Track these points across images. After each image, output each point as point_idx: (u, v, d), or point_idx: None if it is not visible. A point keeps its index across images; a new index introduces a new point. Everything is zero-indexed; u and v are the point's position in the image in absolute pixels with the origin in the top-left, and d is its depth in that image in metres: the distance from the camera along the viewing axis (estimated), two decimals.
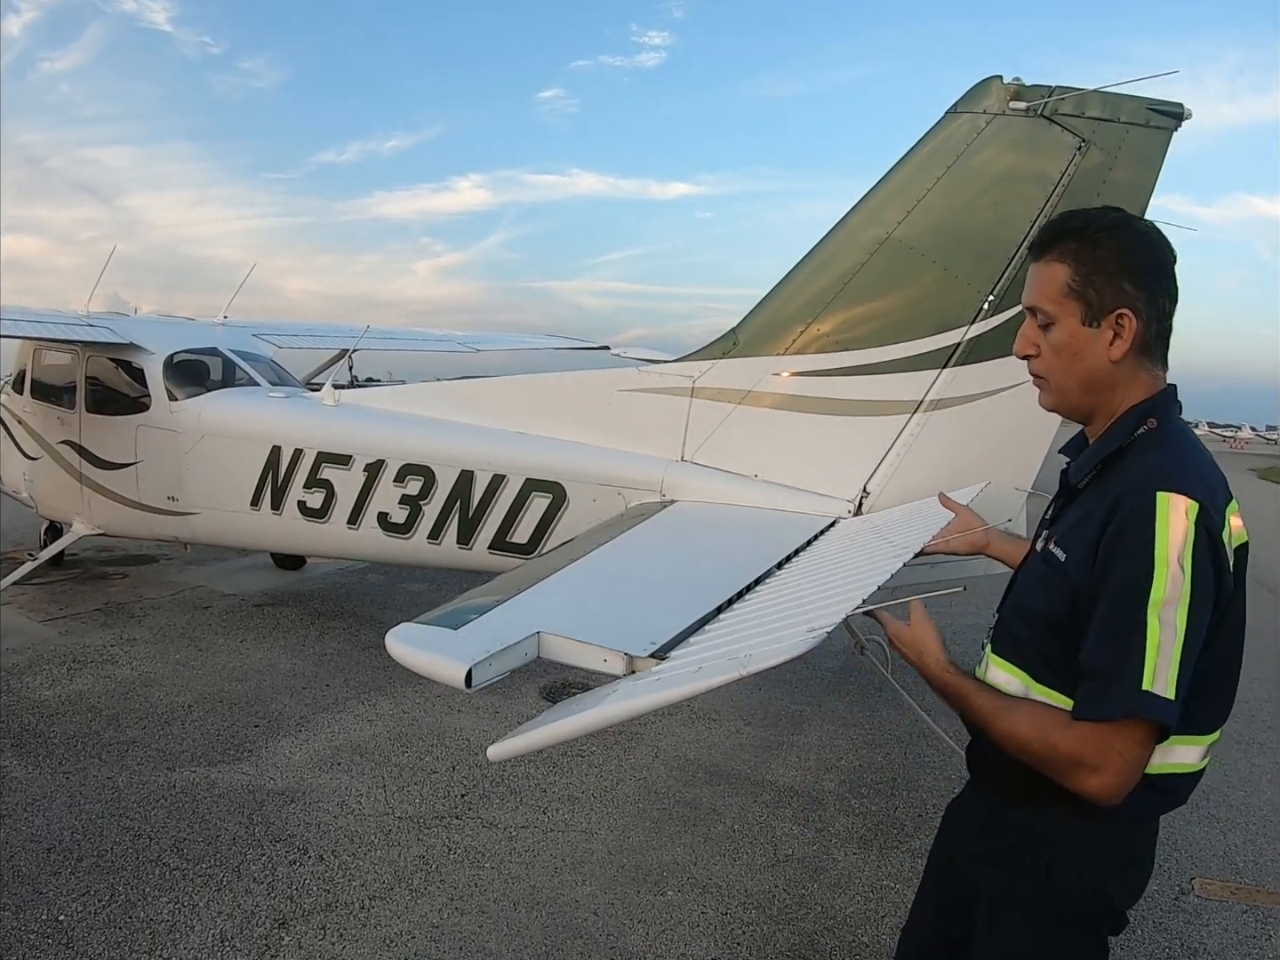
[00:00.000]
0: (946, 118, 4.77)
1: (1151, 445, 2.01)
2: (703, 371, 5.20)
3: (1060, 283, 2.04)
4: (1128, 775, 1.88)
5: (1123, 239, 2.04)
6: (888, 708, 6.98)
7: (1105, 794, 1.89)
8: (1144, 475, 1.93)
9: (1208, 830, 5.55)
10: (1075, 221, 2.08)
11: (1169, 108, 4.44)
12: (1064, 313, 2.05)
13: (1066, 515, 2.16)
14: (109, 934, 4.08)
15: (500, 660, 2.49)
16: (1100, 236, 2.04)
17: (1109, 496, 1.95)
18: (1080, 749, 1.88)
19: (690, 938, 4.28)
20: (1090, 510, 2.00)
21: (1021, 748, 1.98)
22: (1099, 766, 1.86)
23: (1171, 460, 1.96)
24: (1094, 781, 1.88)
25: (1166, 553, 1.81)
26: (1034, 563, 2.20)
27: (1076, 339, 2.05)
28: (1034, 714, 2.00)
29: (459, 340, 12.09)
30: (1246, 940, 4.49)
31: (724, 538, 4.66)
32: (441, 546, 5.90)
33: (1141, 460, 1.99)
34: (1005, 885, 2.15)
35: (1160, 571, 1.81)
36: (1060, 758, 1.92)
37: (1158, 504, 1.84)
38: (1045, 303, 2.07)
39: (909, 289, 4.86)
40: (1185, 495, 1.85)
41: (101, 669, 7.28)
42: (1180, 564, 1.81)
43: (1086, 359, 2.06)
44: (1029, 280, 2.13)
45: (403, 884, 4.56)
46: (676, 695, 2.15)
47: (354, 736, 6.26)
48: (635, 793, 5.65)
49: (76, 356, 8.32)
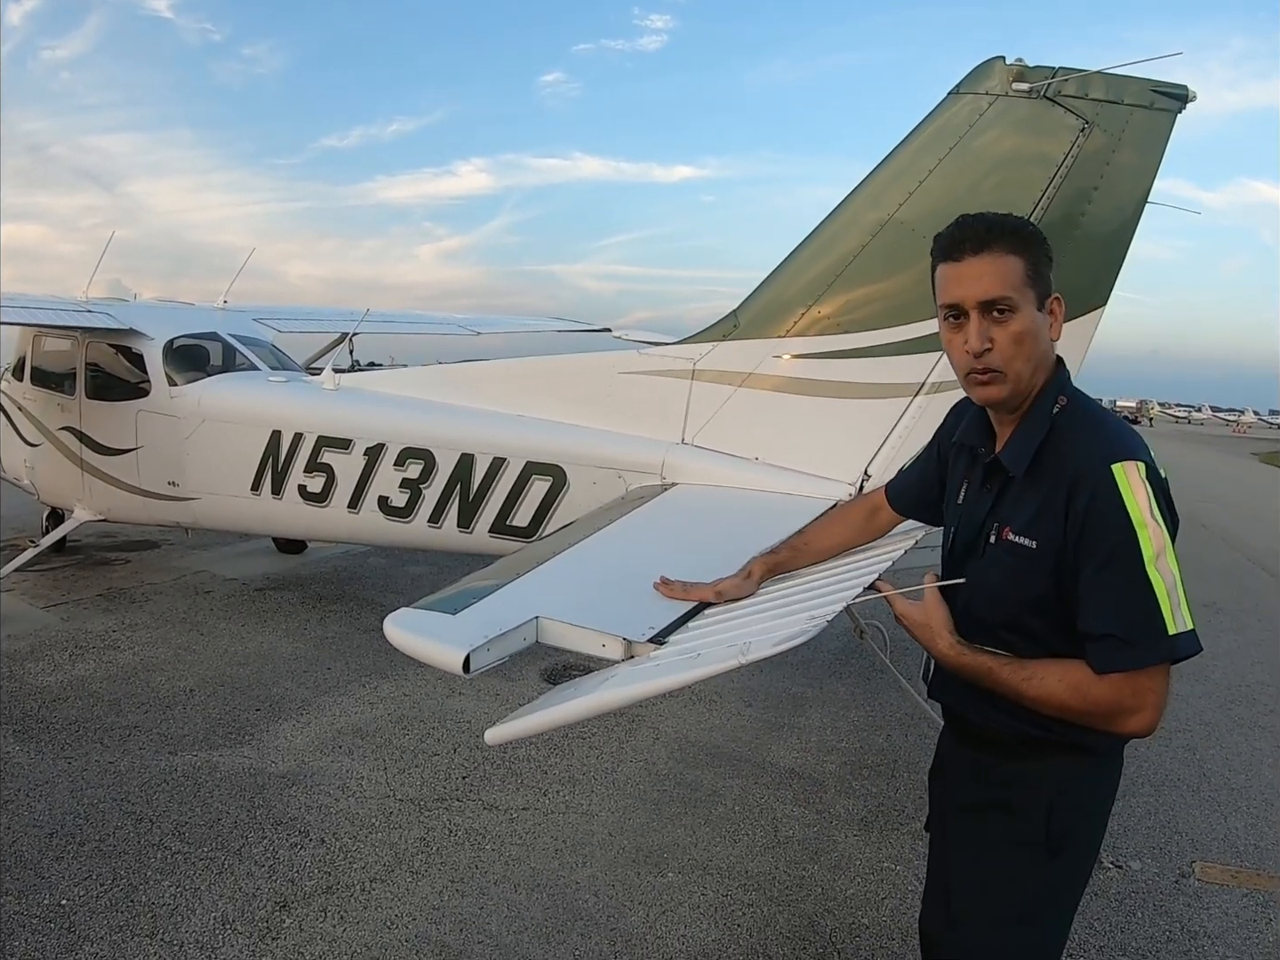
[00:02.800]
0: (948, 99, 4.74)
1: (1076, 423, 2.20)
2: (703, 354, 5.19)
3: (1020, 273, 2.14)
4: (1162, 707, 2.07)
5: (1041, 235, 2.22)
6: (888, 690, 6.98)
7: (1148, 729, 2.09)
8: (1090, 454, 2.11)
9: (1209, 814, 5.56)
10: (1007, 221, 2.19)
11: (1173, 90, 4.41)
12: (1025, 300, 2.14)
13: (1014, 504, 2.25)
14: (111, 918, 4.09)
15: (499, 645, 2.49)
16: (1030, 232, 2.21)
17: (1060, 482, 2.13)
18: (1118, 697, 2.05)
19: (690, 919, 4.29)
20: (1046, 497, 2.16)
21: (1060, 707, 2.12)
22: (1139, 708, 2.05)
23: (1108, 433, 2.16)
24: (1137, 721, 2.07)
25: (1141, 514, 2.02)
26: (994, 556, 2.28)
27: (1036, 324, 2.17)
28: (1063, 675, 2.11)
29: (459, 323, 12.07)
30: (1246, 924, 4.49)
31: (725, 521, 4.65)
32: (442, 530, 5.90)
33: (1075, 440, 2.16)
34: (1004, 828, 2.30)
35: (1142, 533, 2.01)
36: (1102, 709, 2.08)
37: (1116, 476, 2.04)
38: (1009, 291, 2.13)
39: (910, 271, 4.83)
40: (1131, 460, 2.06)
41: (103, 654, 7.29)
42: (1153, 518, 2.03)
43: (1041, 342, 2.20)
44: (971, 277, 2.16)
45: (403, 866, 4.57)
46: (674, 682, 2.15)
47: (355, 719, 6.28)
48: (636, 774, 5.66)
49: (76, 343, 8.32)
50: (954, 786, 2.50)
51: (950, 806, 2.50)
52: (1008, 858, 2.29)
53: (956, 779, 2.50)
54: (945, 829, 2.52)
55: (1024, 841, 2.26)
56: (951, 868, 2.46)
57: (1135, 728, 2.09)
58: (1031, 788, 2.26)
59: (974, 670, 2.22)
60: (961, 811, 2.44)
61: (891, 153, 4.85)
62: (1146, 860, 4.98)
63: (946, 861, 2.50)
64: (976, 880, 2.35)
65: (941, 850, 2.55)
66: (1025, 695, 2.15)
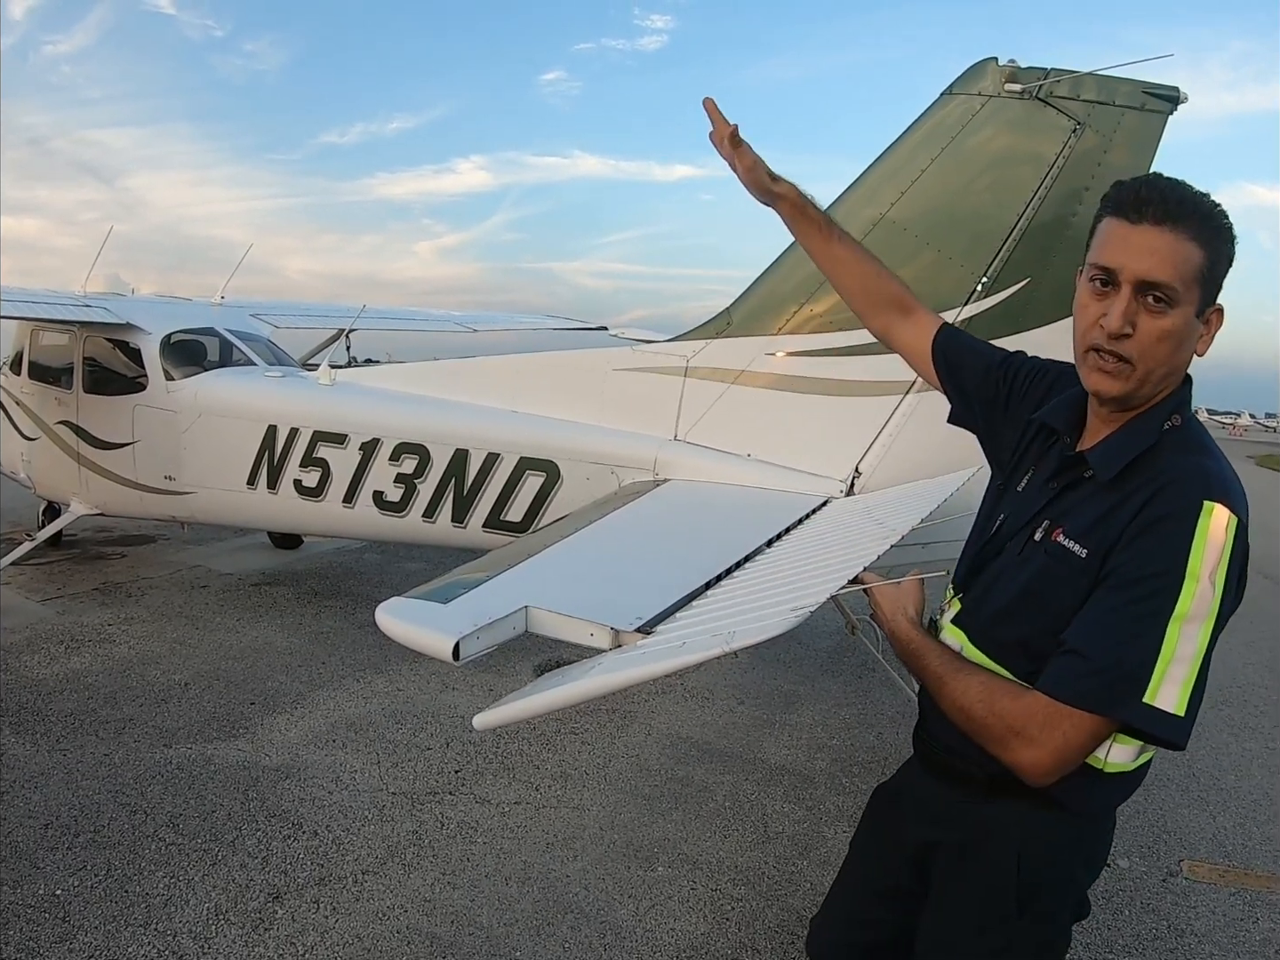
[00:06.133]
0: (942, 99, 4.77)
1: (1184, 444, 1.91)
2: (696, 351, 5.21)
3: (1195, 266, 1.81)
4: (1064, 760, 1.83)
5: (1233, 237, 1.89)
6: (880, 688, 7.01)
7: (1035, 770, 1.85)
8: (1186, 475, 1.83)
9: (1197, 813, 5.59)
10: (1202, 202, 1.85)
11: (1165, 91, 4.44)
12: (1188, 298, 1.82)
13: (1078, 505, 1.99)
14: (105, 908, 4.11)
15: (488, 634, 2.51)
16: (1225, 229, 1.87)
17: (1140, 492, 1.84)
18: (1024, 719, 1.84)
19: (680, 913, 4.32)
20: (1116, 505, 1.87)
21: (965, 709, 1.94)
22: (1037, 741, 1.82)
23: (1217, 469, 1.86)
24: (1027, 754, 1.84)
25: (1199, 566, 1.73)
26: (1033, 554, 2.03)
27: (1189, 328, 1.86)
28: (988, 679, 1.96)
29: (456, 320, 12.09)
30: (1234, 922, 4.52)
31: (715, 516, 4.67)
32: (436, 525, 5.92)
33: (1179, 459, 1.87)
34: (967, 876, 2.12)
35: (1190, 585, 1.73)
36: (1001, 724, 1.87)
37: (1202, 512, 1.75)
38: (1177, 282, 1.80)
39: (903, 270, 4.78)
40: (1229, 508, 1.77)
41: (99, 648, 7.31)
42: (1212, 581, 1.73)
43: (1184, 350, 1.89)
44: (1143, 247, 1.81)
45: (396, 859, 4.60)
46: (661, 669, 2.17)
47: (349, 713, 6.30)
48: (627, 770, 5.68)
49: (74, 337, 8.32)
50: (914, 821, 2.29)
51: (909, 839, 2.30)
52: (973, 908, 2.10)
53: (919, 814, 2.28)
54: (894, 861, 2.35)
55: (991, 892, 2.07)
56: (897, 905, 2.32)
57: (1023, 759, 1.85)
58: (997, 834, 2.06)
59: (916, 649, 2.08)
60: (920, 851, 2.26)
61: (885, 152, 4.89)
62: (1135, 858, 5.00)
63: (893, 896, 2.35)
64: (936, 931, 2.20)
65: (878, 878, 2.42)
66: (944, 686, 1.99)
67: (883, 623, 2.20)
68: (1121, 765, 1.94)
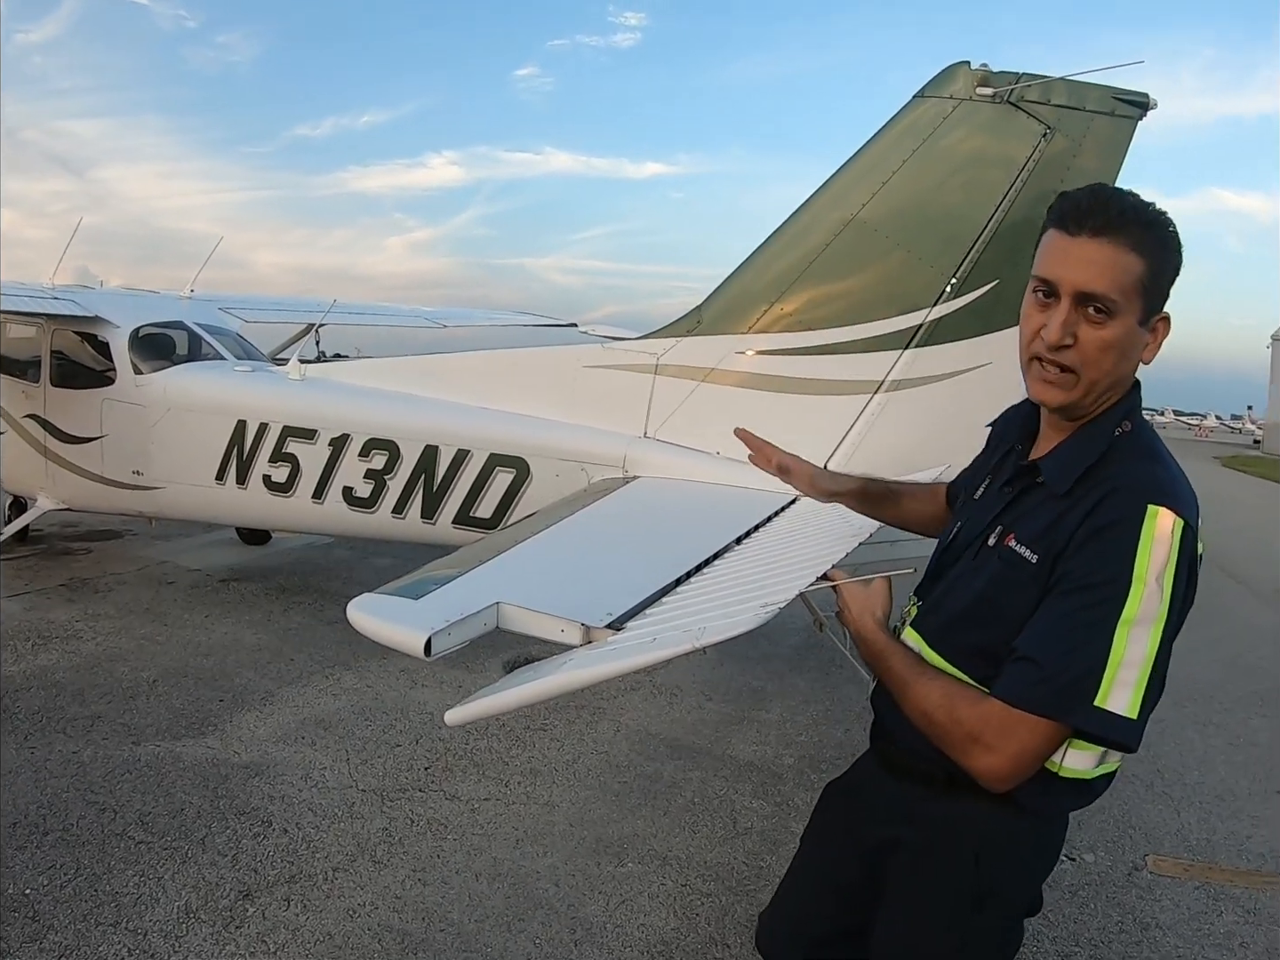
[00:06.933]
0: (913, 102, 4.81)
1: (1134, 450, 1.94)
2: (667, 349, 5.24)
3: (1136, 277, 1.82)
4: (1021, 765, 1.87)
5: (1179, 245, 1.90)
6: (848, 685, 7.04)
7: (993, 776, 1.89)
8: (1133, 482, 1.86)
9: (1162, 808, 5.64)
10: (1144, 212, 1.86)
11: (1134, 97, 4.50)
12: (1129, 309, 1.84)
13: (1029, 512, 2.01)
14: (75, 907, 4.08)
15: (459, 630, 2.52)
16: (1169, 239, 1.88)
17: (1088, 499, 1.87)
18: (982, 726, 1.87)
19: (650, 908, 4.33)
20: (1065, 511, 1.90)
21: (927, 714, 1.97)
22: (995, 748, 1.85)
23: (1162, 472, 1.89)
24: (986, 761, 1.87)
25: (1146, 570, 1.76)
26: (986, 559, 2.06)
27: (1131, 338, 1.88)
28: (949, 685, 1.98)
29: (426, 316, 12.04)
30: (1198, 916, 4.56)
31: (684, 513, 4.70)
32: (406, 521, 5.92)
33: (1126, 466, 1.90)
34: (926, 874, 2.13)
35: (1137, 589, 1.76)
36: (960, 730, 1.90)
37: (1147, 516, 1.78)
38: (1115, 293, 1.82)
39: (872, 270, 4.91)
40: (1174, 512, 1.79)
41: (66, 644, 7.24)
42: (1159, 582, 1.76)
43: (1129, 359, 1.92)
44: (1081, 259, 1.84)
45: (366, 855, 4.59)
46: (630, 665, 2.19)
47: (318, 710, 6.28)
48: (597, 766, 5.69)
49: (41, 330, 8.25)
50: (871, 818, 2.29)
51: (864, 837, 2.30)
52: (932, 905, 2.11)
53: (875, 811, 2.28)
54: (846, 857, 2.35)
55: (950, 890, 2.08)
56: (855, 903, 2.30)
57: (982, 766, 1.88)
58: (957, 833, 2.06)
59: (880, 650, 2.10)
60: (876, 848, 2.25)
61: (856, 154, 4.92)
62: (1100, 853, 5.05)
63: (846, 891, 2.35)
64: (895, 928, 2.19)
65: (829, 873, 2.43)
66: (906, 689, 2.01)
67: (849, 622, 2.20)
68: (1079, 772, 1.96)
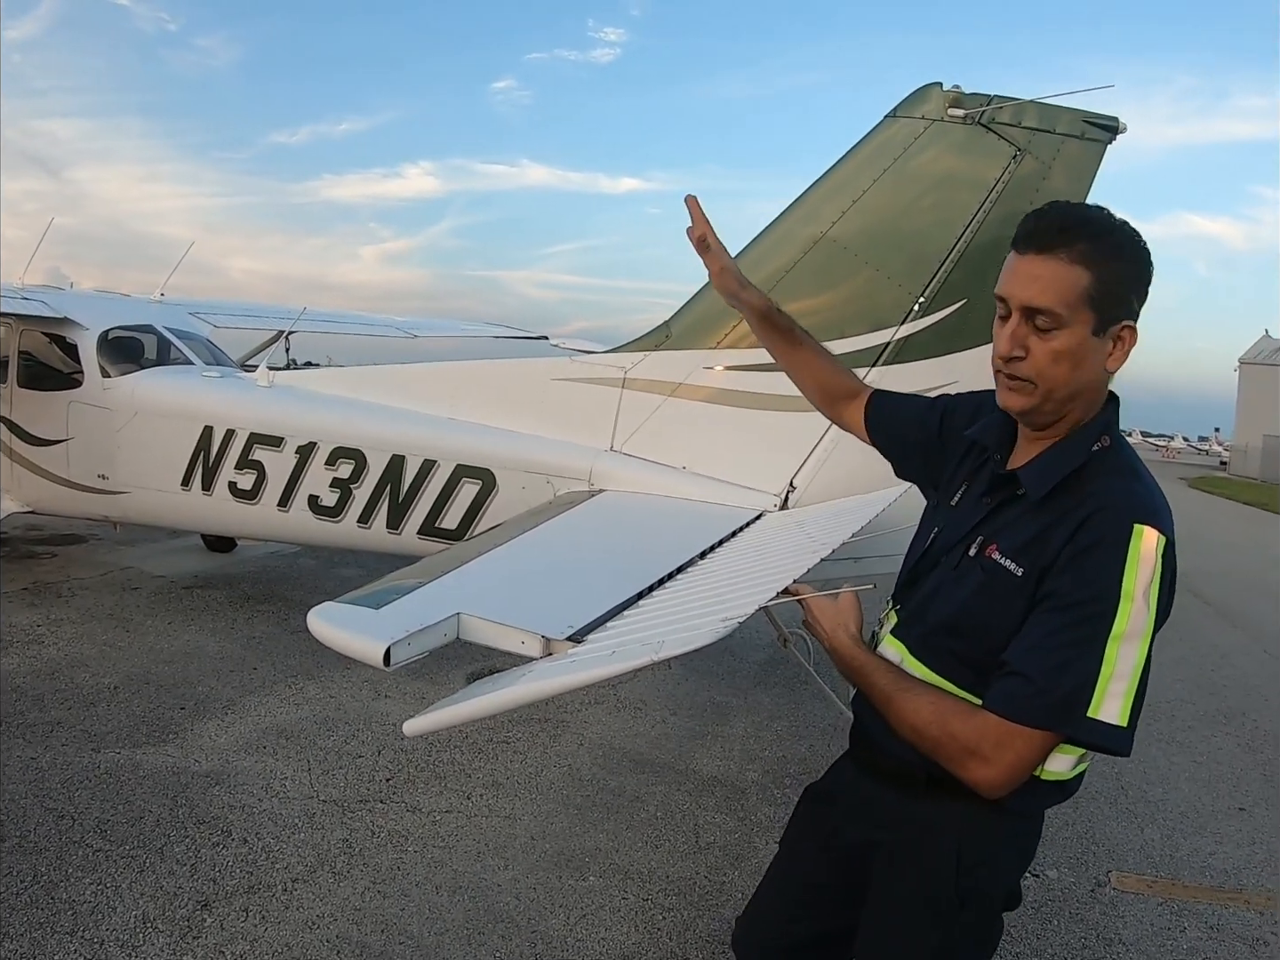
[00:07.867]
0: (885, 122, 4.85)
1: (1115, 467, 1.99)
2: (635, 363, 5.25)
3: (1080, 289, 1.88)
4: (1016, 774, 1.93)
5: (1138, 252, 1.95)
6: (812, 700, 7.05)
7: (989, 786, 1.94)
8: (1117, 500, 1.91)
9: (1125, 825, 5.68)
10: (1091, 224, 1.93)
11: (1105, 121, 4.55)
12: (1078, 320, 1.90)
13: (1011, 523, 2.05)
14: (31, 914, 4.02)
15: (419, 640, 2.52)
16: (1121, 247, 1.94)
17: (1072, 515, 1.92)
18: (978, 739, 1.92)
19: (611, 923, 4.31)
20: (1049, 526, 1.94)
21: (917, 729, 2.01)
22: (991, 760, 1.91)
23: (1144, 490, 1.95)
24: (983, 772, 1.93)
25: (1133, 586, 1.82)
26: (968, 570, 2.10)
27: (1083, 347, 1.92)
28: (937, 699, 2.02)
29: (397, 326, 12.03)
30: (1161, 932, 4.59)
31: (648, 527, 4.71)
32: (371, 530, 5.90)
33: (1108, 482, 1.96)
34: (908, 874, 2.15)
35: (1125, 605, 1.82)
36: (956, 744, 1.95)
37: (1133, 535, 1.84)
38: (1059, 307, 1.89)
39: (842, 288, 4.93)
40: (1157, 530, 1.86)
41: (27, 649, 7.17)
42: (1146, 599, 1.83)
43: (1085, 368, 1.95)
44: (1026, 275, 1.93)
45: (326, 867, 4.56)
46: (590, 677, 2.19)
47: (280, 720, 6.23)
48: (559, 779, 5.68)
49: (9, 330, 8.19)
50: (849, 820, 2.32)
51: (843, 840, 2.32)
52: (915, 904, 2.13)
53: (854, 813, 2.31)
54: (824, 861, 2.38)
55: (932, 889, 2.10)
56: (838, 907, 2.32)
57: (979, 777, 1.94)
58: (937, 833, 2.10)
59: (859, 666, 2.12)
60: (856, 850, 2.27)
61: (827, 173, 4.95)
62: (1064, 869, 5.07)
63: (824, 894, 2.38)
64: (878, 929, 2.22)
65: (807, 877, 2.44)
66: (891, 705, 2.05)
67: (822, 639, 2.22)
68: (1059, 774, 2.02)
